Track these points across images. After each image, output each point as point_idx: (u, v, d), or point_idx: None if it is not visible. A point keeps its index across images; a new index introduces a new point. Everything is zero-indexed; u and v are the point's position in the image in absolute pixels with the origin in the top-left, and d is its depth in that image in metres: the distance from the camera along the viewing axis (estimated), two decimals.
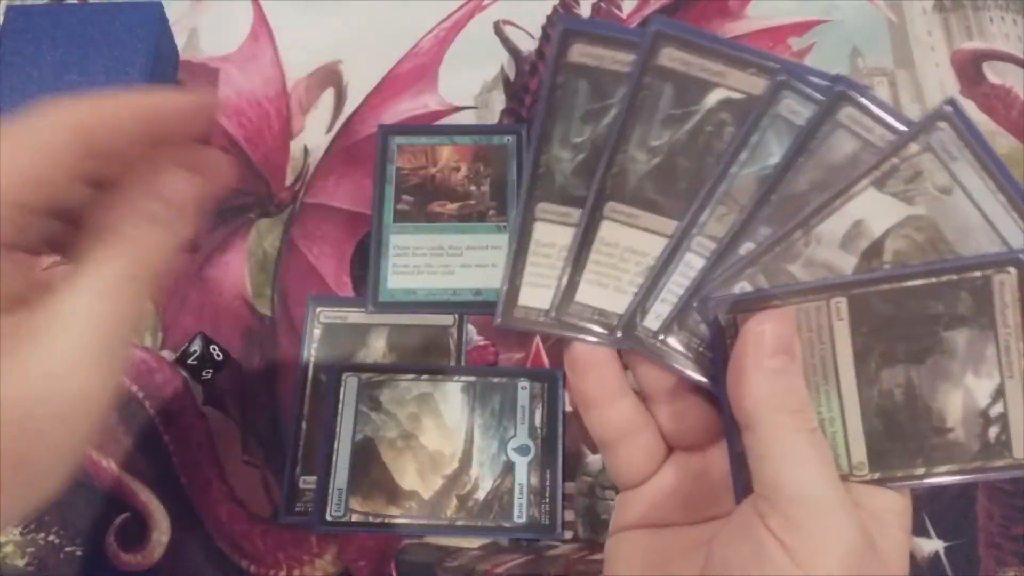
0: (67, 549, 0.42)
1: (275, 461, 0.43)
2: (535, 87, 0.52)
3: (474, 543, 0.42)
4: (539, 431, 0.43)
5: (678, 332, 0.33)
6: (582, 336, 0.34)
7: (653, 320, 0.34)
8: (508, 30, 0.53)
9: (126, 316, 0.27)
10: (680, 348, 0.33)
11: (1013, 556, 0.42)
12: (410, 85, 0.52)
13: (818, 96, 0.33)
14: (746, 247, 0.33)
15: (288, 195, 0.49)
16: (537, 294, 0.35)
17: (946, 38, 0.53)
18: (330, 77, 0.52)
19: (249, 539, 0.42)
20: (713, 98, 0.34)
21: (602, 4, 0.54)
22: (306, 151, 0.50)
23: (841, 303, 0.31)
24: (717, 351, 0.31)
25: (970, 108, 0.51)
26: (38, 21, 0.46)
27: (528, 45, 0.53)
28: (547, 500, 0.42)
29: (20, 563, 0.42)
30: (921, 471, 0.31)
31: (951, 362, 0.31)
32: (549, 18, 0.53)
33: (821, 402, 0.31)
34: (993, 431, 0.31)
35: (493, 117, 0.51)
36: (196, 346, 0.43)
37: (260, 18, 0.54)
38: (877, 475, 0.31)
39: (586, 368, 0.34)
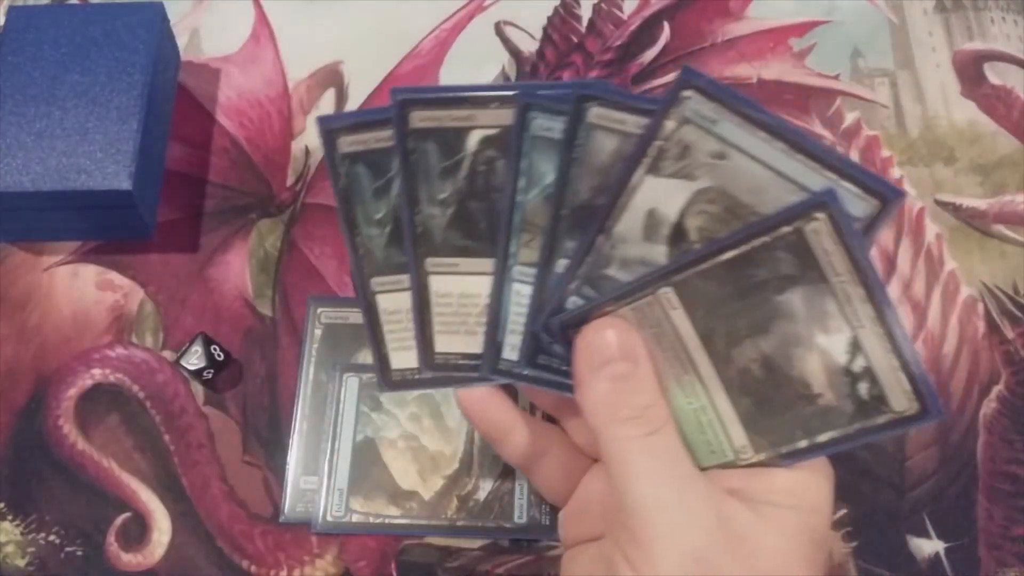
0: (67, 549, 0.42)
1: (275, 461, 0.43)
2: None
3: (475, 543, 0.42)
4: None
5: (536, 356, 0.34)
6: (461, 382, 0.36)
7: (511, 351, 0.35)
8: (509, 31, 0.53)
9: None
10: (544, 371, 0.34)
11: (1013, 557, 0.42)
12: (411, 86, 0.52)
13: (564, 108, 0.33)
14: (562, 264, 0.33)
15: (289, 195, 0.49)
16: (404, 356, 0.37)
17: (947, 39, 0.53)
18: (331, 78, 0.52)
19: (249, 539, 0.42)
20: (473, 140, 0.35)
21: (603, 4, 0.54)
22: (307, 151, 0.50)
23: (668, 293, 0.30)
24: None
25: (971, 109, 0.51)
26: (39, 21, 0.46)
27: (529, 46, 0.53)
28: (547, 501, 0.42)
29: (20, 563, 0.42)
30: (803, 443, 0.30)
31: (795, 325, 0.29)
32: (550, 19, 0.54)
33: (687, 393, 0.31)
34: (863, 387, 0.29)
35: None
36: (197, 346, 0.43)
37: (261, 19, 0.54)
38: (763, 455, 0.30)
39: (472, 409, 0.36)
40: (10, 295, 0.47)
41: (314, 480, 0.43)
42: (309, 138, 0.51)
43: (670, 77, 0.51)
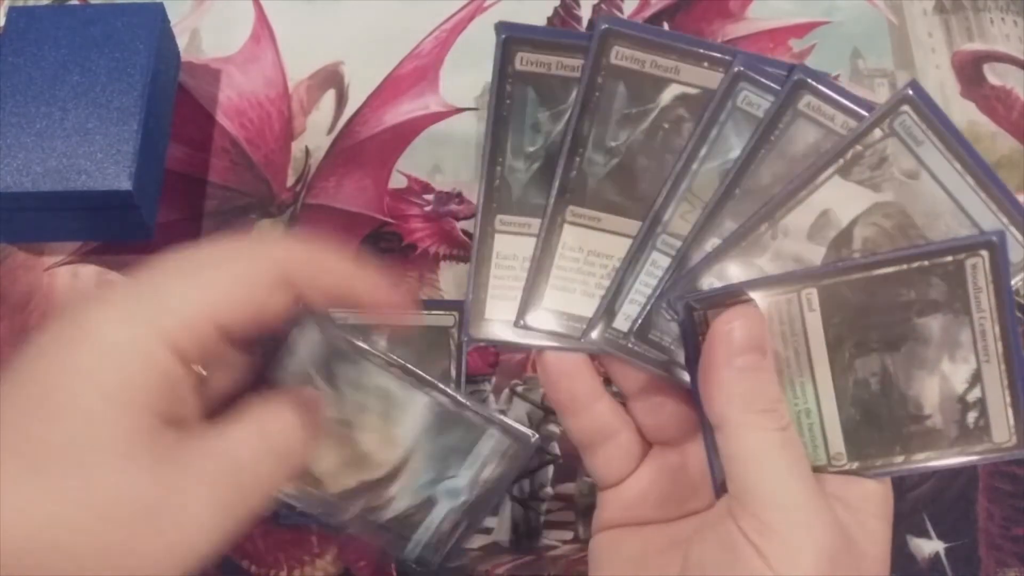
0: None
1: None
2: None
3: (474, 543, 0.42)
4: (481, 484, 0.37)
5: (649, 331, 0.33)
6: (552, 344, 0.34)
7: (623, 321, 0.33)
8: None
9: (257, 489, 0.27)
10: (652, 347, 0.33)
11: (1013, 557, 0.42)
12: (411, 86, 0.52)
13: (776, 87, 0.32)
14: (712, 243, 0.33)
15: (290, 196, 0.49)
16: (504, 307, 0.34)
17: (947, 39, 0.54)
18: (331, 78, 0.53)
19: (249, 539, 0.42)
20: (668, 95, 0.33)
21: (603, 5, 0.54)
22: (307, 152, 0.50)
23: (812, 294, 0.30)
24: (689, 348, 0.31)
25: (971, 109, 0.51)
26: (40, 22, 0.46)
27: None
28: (446, 550, 0.37)
29: None
30: (900, 459, 0.31)
31: (926, 349, 0.31)
32: (550, 19, 0.54)
33: (797, 394, 0.31)
34: (971, 416, 0.31)
35: None
36: None
37: (262, 19, 0.54)
38: (856, 464, 0.31)
39: (558, 376, 0.34)
40: (10, 295, 0.47)
41: None
42: (309, 138, 0.51)
43: None
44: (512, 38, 0.33)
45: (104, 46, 0.46)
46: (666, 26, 0.53)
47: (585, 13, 0.54)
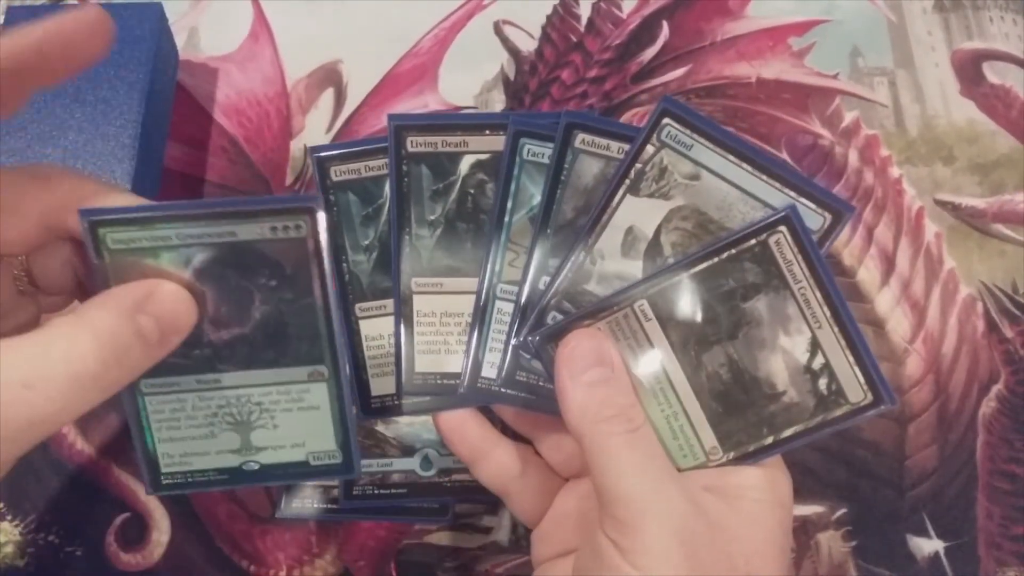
0: (67, 549, 0.42)
1: None
2: (535, 87, 0.52)
3: (474, 543, 0.42)
4: None
5: (516, 374, 0.36)
6: (438, 408, 0.37)
7: (489, 370, 0.37)
8: (508, 30, 0.53)
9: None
10: (523, 387, 0.36)
11: (1013, 556, 0.42)
12: (410, 85, 0.52)
13: (551, 134, 0.36)
14: (543, 280, 0.36)
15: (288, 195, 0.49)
16: (384, 383, 0.38)
17: (946, 38, 0.53)
18: (330, 77, 0.52)
19: (249, 539, 0.42)
20: (465, 164, 0.38)
21: (602, 4, 0.54)
22: (306, 150, 0.50)
23: (643, 305, 0.33)
24: (553, 380, 0.33)
25: (970, 108, 0.51)
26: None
27: (528, 45, 0.53)
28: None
29: (20, 563, 0.42)
30: (769, 439, 0.32)
31: (760, 329, 0.32)
32: (549, 18, 0.54)
33: (661, 401, 0.33)
34: (823, 383, 0.32)
35: None
36: None
37: (260, 17, 0.54)
38: (731, 454, 0.32)
39: (452, 432, 0.37)
40: None
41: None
42: (308, 137, 0.51)
43: (669, 76, 0.51)
44: (322, 157, 0.38)
45: None
46: (665, 25, 0.53)
47: (584, 12, 0.54)
